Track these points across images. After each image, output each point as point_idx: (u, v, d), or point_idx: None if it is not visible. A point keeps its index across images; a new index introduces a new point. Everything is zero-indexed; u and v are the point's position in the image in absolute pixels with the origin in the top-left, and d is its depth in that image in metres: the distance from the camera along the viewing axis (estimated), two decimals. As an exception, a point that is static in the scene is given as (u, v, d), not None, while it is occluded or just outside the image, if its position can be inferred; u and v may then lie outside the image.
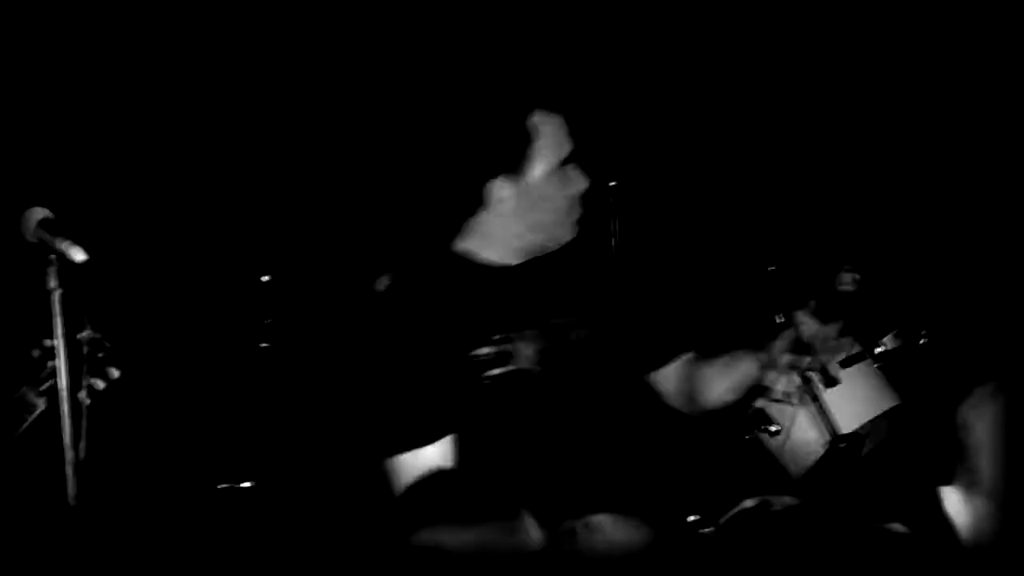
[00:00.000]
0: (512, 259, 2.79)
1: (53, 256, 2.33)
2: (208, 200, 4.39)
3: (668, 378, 2.94)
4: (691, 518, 3.58)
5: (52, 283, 2.32)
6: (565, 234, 2.78)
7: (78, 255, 2.32)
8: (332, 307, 4.24)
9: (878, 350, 3.92)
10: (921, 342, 4.01)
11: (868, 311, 4.01)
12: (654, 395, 2.94)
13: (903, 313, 4.09)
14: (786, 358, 2.71)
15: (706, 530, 3.16)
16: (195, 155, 4.39)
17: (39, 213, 2.38)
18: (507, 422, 2.69)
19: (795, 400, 3.23)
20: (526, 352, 2.71)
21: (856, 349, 3.80)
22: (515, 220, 2.74)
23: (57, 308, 2.31)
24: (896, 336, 4.01)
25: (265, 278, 4.14)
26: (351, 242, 4.42)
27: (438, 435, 2.62)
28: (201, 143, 4.40)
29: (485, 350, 2.68)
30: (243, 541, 3.84)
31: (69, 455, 2.32)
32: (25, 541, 3.19)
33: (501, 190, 2.72)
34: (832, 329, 2.68)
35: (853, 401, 3.71)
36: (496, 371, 2.68)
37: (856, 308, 2.84)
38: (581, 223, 2.80)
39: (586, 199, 2.79)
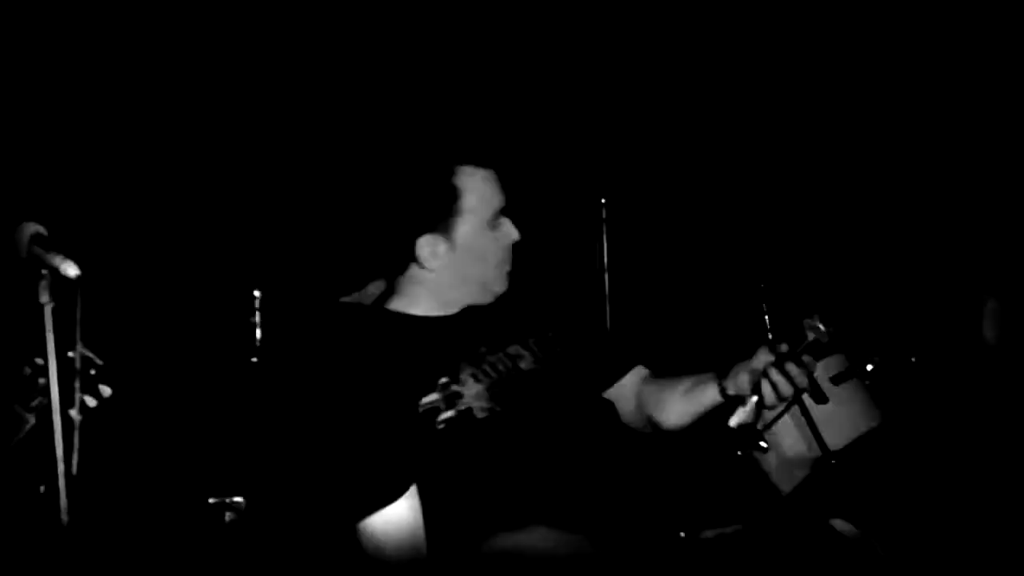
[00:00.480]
0: (442, 312, 2.81)
1: (45, 271, 2.33)
2: (199, 214, 4.40)
3: (626, 397, 2.95)
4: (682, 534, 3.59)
5: (44, 298, 2.33)
6: (495, 286, 2.81)
7: (71, 270, 2.33)
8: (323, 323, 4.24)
9: (869, 367, 3.93)
10: (911, 360, 4.02)
11: (858, 330, 4.03)
12: (613, 414, 2.95)
13: (893, 332, 4.10)
14: (750, 388, 2.71)
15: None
16: (187, 171, 4.40)
17: (31, 228, 2.38)
18: (465, 463, 2.69)
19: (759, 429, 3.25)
20: (473, 391, 2.72)
21: (846, 367, 3.81)
22: (446, 275, 2.77)
23: (49, 323, 2.31)
24: (885, 355, 4.03)
25: (256, 293, 4.14)
26: (340, 257, 4.43)
27: (401, 488, 2.62)
28: (193, 160, 4.41)
29: (433, 396, 2.70)
30: (234, 555, 3.84)
31: (61, 470, 2.32)
32: (17, 556, 3.19)
33: (429, 247, 2.74)
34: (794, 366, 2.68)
35: (842, 418, 3.73)
36: (448, 415, 2.69)
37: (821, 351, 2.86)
38: (512, 274, 2.83)
39: (516, 250, 2.82)
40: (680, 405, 2.86)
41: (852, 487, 3.69)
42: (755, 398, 2.69)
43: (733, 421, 2.73)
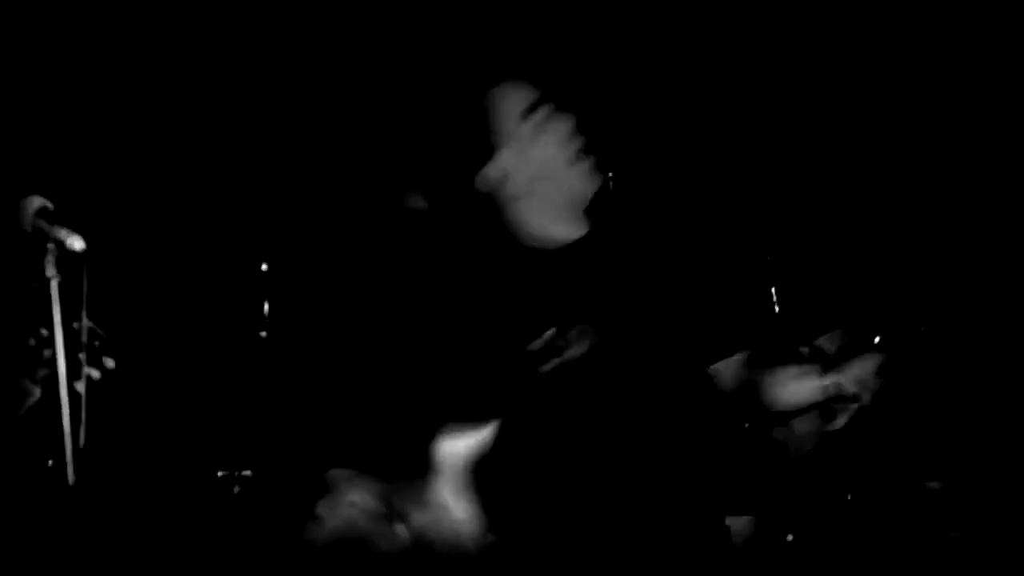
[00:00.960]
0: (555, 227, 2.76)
1: (51, 244, 2.34)
2: (206, 187, 4.40)
3: (727, 376, 2.90)
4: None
5: (50, 271, 2.33)
6: (575, 183, 2.74)
7: (76, 243, 2.33)
8: (331, 295, 4.25)
9: (875, 341, 3.91)
10: (919, 332, 4.01)
11: (865, 305, 4.02)
12: (710, 388, 2.90)
13: (901, 308, 4.09)
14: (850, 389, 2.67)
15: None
16: (192, 142, 4.40)
17: (37, 202, 2.38)
18: (555, 413, 2.66)
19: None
20: (579, 344, 2.68)
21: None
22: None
23: (55, 296, 2.32)
24: (892, 331, 4.01)
25: (264, 267, 4.14)
26: (349, 230, 4.43)
27: (481, 422, 2.58)
28: (198, 130, 4.40)
29: (539, 341, 2.66)
30: (241, 528, 3.85)
31: (68, 442, 2.33)
32: (25, 528, 3.20)
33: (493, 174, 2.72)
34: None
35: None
36: (551, 365, 2.66)
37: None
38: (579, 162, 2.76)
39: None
40: (791, 387, 2.80)
41: (859, 460, 3.69)
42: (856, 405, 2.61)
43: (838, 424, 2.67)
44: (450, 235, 2.82)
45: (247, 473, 3.92)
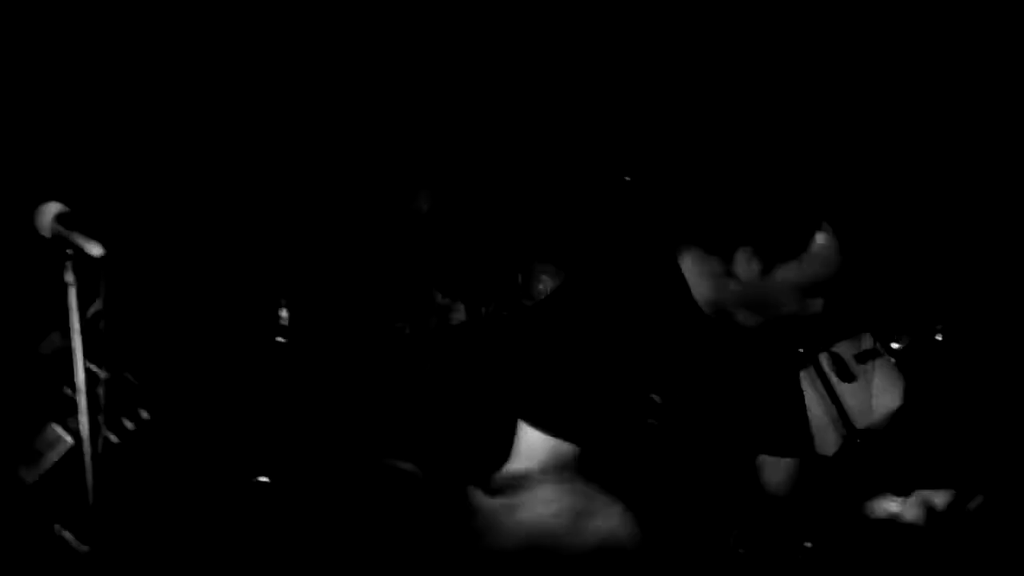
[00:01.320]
0: None
1: (70, 251, 2.34)
2: (224, 193, 4.40)
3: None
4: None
5: (69, 277, 2.33)
6: None
7: (95, 249, 2.33)
8: (349, 307, 4.25)
9: (894, 346, 3.91)
10: (937, 338, 4.00)
11: (884, 309, 4.00)
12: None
13: (919, 311, 4.08)
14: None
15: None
16: (211, 149, 4.40)
17: (55, 208, 2.39)
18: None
19: None
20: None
21: (872, 345, 3.80)
22: None
23: (73, 303, 2.32)
24: (911, 334, 4.00)
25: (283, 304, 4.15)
26: (367, 243, 4.43)
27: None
28: (215, 137, 4.41)
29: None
30: (258, 536, 3.85)
31: (87, 450, 2.33)
32: (45, 537, 3.20)
33: None
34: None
35: (869, 397, 3.71)
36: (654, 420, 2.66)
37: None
38: None
39: None
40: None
41: (879, 466, 3.67)
42: None
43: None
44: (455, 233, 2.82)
45: (264, 480, 3.91)
